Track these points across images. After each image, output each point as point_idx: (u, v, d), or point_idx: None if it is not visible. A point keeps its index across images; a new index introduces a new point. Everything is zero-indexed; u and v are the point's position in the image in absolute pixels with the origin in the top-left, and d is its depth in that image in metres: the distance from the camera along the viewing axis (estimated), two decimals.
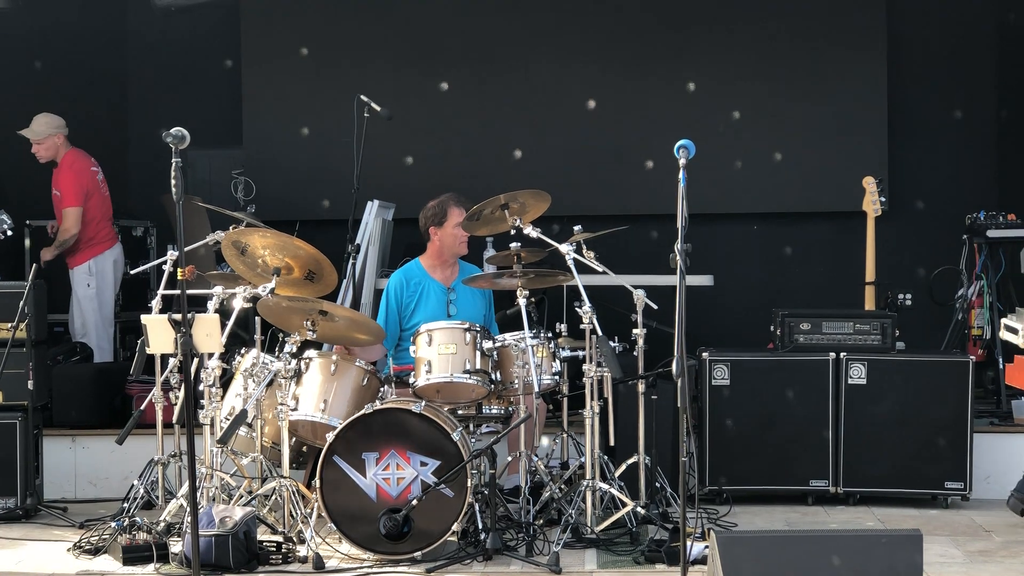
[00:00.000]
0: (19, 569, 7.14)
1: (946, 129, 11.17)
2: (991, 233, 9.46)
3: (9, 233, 8.68)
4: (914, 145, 11.10)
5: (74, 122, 10.64)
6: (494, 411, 7.87)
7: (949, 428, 8.34)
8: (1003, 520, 8.09)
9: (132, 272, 9.87)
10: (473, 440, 7.59)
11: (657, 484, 7.86)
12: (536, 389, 7.45)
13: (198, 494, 7.01)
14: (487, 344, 7.60)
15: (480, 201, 7.92)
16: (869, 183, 9.49)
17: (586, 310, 7.45)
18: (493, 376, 7.60)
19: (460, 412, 7.73)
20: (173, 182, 5.63)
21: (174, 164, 5.65)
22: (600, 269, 7.88)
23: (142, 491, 8.00)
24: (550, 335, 7.77)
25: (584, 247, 7.86)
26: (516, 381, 7.59)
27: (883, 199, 9.47)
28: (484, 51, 11.21)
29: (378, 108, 9.15)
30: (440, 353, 7.54)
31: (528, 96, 11.15)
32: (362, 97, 9.19)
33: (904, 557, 5.46)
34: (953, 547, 7.41)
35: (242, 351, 7.93)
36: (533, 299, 7.74)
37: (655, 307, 7.81)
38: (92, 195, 10.02)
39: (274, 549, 7.10)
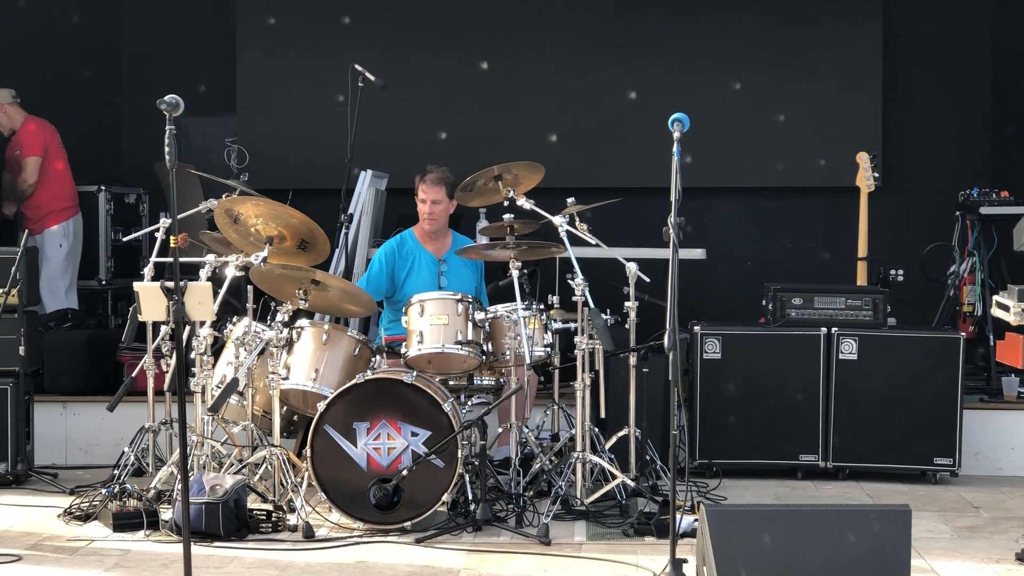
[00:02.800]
0: (9, 534, 7.15)
1: (940, 105, 11.17)
2: (984, 210, 9.47)
3: None
4: (908, 121, 11.10)
5: (67, 89, 10.63)
6: (485, 382, 7.87)
7: (939, 404, 8.36)
8: (991, 496, 8.12)
9: (125, 239, 9.86)
10: (464, 411, 7.59)
11: (647, 457, 7.86)
12: (527, 361, 7.45)
13: (189, 462, 7.02)
14: (479, 315, 7.60)
15: (473, 172, 7.92)
16: (863, 159, 9.47)
17: (578, 282, 7.45)
18: (485, 347, 7.61)
19: (451, 383, 7.73)
20: (167, 150, 5.60)
21: (168, 132, 5.62)
22: (593, 241, 7.89)
23: (132, 458, 8.01)
24: (542, 307, 7.77)
25: (577, 219, 7.86)
26: (508, 352, 7.61)
27: (876, 175, 9.46)
28: (480, 22, 11.18)
29: (372, 78, 9.12)
30: (432, 324, 7.54)
31: (523, 68, 11.12)
32: (356, 67, 9.17)
33: (892, 532, 5.47)
34: (941, 523, 7.43)
35: (234, 319, 7.91)
36: (526, 271, 7.74)
37: (647, 280, 7.81)
38: (57, 155, 9.97)
39: (264, 517, 7.11)
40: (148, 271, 7.95)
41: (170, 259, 5.89)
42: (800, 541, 5.47)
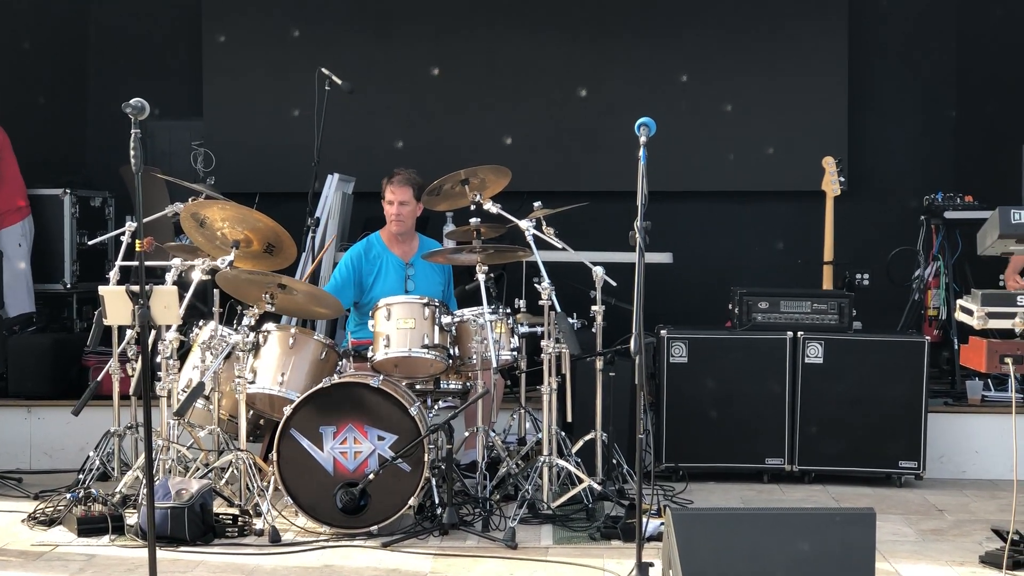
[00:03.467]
0: None
1: (906, 110, 11.22)
2: (948, 214, 9.53)
3: None
4: (874, 125, 11.15)
5: (33, 92, 10.57)
6: (452, 386, 7.87)
7: (904, 408, 8.40)
8: (955, 499, 8.16)
9: (90, 243, 9.82)
10: (430, 415, 7.59)
11: (614, 461, 7.88)
12: (494, 365, 7.45)
13: (154, 466, 6.99)
14: (446, 319, 7.60)
15: (440, 176, 7.93)
16: (829, 163, 9.51)
17: (545, 286, 7.46)
18: (451, 351, 7.61)
19: (418, 387, 7.73)
20: (132, 153, 5.59)
21: (133, 135, 5.61)
22: (559, 246, 7.89)
23: (98, 463, 7.98)
24: (509, 311, 7.78)
25: (544, 223, 7.86)
26: (474, 356, 7.61)
27: (842, 179, 9.50)
28: (447, 26, 11.17)
29: (339, 81, 9.12)
30: (399, 328, 7.54)
31: (490, 72, 11.12)
32: (323, 70, 9.16)
33: (857, 535, 5.50)
34: (906, 525, 7.47)
35: (200, 323, 7.90)
36: (492, 275, 7.74)
37: (614, 284, 7.84)
38: (10, 156, 9.90)
39: (230, 522, 7.09)
40: (114, 275, 7.93)
41: (136, 263, 5.87)
42: (766, 544, 5.50)
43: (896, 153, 11.19)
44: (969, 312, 6.38)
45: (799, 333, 8.46)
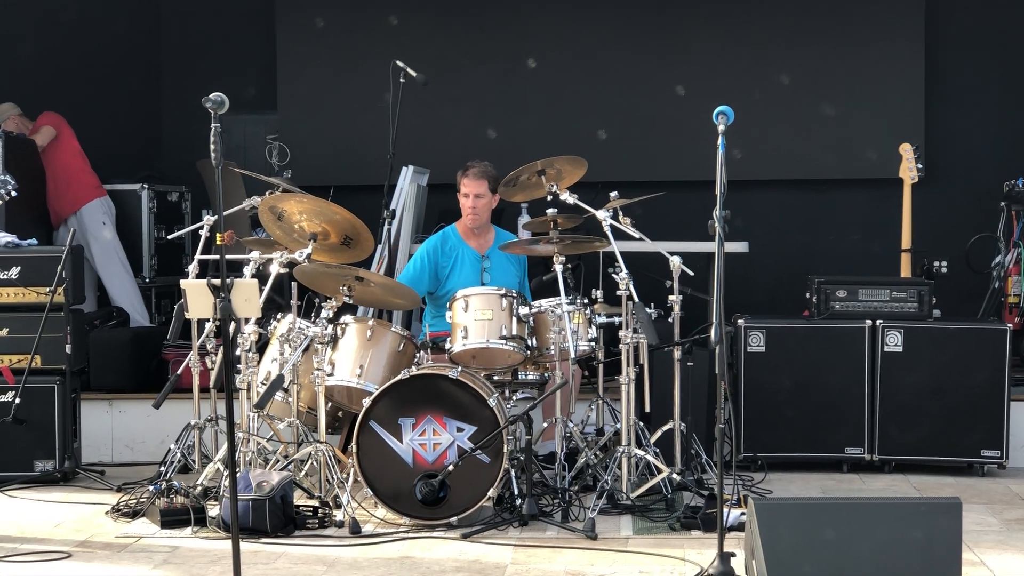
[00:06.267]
0: (58, 531, 7.19)
1: (984, 95, 11.09)
2: None
3: (14, 194, 8.29)
4: (952, 111, 11.03)
5: (109, 88, 10.64)
6: (530, 377, 7.85)
7: (985, 396, 8.31)
8: None
9: (168, 237, 9.90)
10: (509, 406, 7.59)
11: (692, 451, 7.85)
12: (572, 355, 7.44)
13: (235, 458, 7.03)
14: (523, 310, 7.59)
15: (515, 167, 7.92)
16: (906, 150, 9.43)
17: (622, 276, 7.44)
18: (529, 342, 7.60)
19: (496, 378, 7.73)
20: (213, 147, 5.62)
21: (214, 129, 5.63)
22: (637, 235, 7.86)
23: (179, 455, 8.04)
24: (586, 301, 7.76)
25: (621, 213, 7.83)
26: (552, 347, 7.59)
27: (920, 166, 9.41)
28: (519, 15, 11.17)
29: (414, 74, 9.12)
30: (476, 319, 7.54)
31: (564, 61, 11.11)
32: (398, 63, 9.16)
33: (943, 525, 5.44)
34: (990, 515, 7.39)
35: (278, 316, 7.94)
36: (569, 265, 7.73)
37: (691, 274, 7.80)
38: (71, 141, 10.00)
39: (310, 513, 7.13)
40: (193, 268, 7.99)
41: (214, 256, 5.90)
42: (850, 534, 5.45)
43: (974, 139, 11.07)
44: None
45: (878, 321, 8.39)
